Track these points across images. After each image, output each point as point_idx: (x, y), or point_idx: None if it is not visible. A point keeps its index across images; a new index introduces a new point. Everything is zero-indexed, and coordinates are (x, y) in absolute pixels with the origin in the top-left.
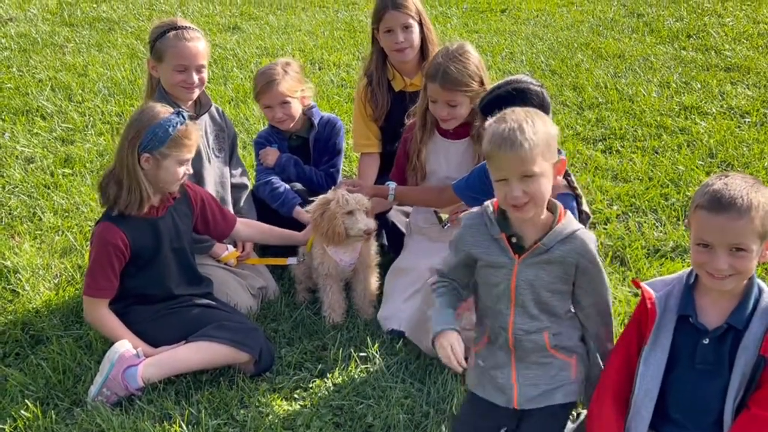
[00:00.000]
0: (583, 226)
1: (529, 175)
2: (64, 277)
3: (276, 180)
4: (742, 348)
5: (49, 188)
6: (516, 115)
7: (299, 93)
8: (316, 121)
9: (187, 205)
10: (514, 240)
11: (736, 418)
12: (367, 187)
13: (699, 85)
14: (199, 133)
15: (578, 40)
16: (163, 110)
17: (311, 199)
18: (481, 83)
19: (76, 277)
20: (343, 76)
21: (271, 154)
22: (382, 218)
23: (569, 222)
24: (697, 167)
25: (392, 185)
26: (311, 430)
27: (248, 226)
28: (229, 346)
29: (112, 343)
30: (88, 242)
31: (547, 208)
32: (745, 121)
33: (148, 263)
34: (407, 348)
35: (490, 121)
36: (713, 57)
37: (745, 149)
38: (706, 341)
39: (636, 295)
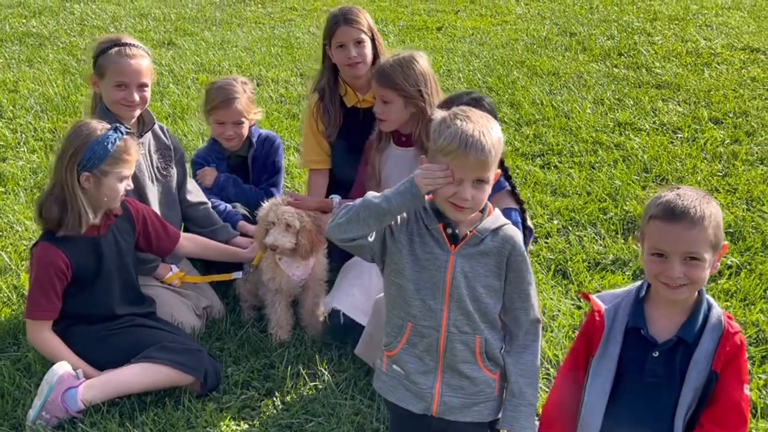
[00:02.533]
0: (509, 222)
1: (483, 180)
2: None
3: (216, 199)
4: (693, 362)
5: None
6: (479, 117)
7: (252, 115)
8: (254, 139)
9: (128, 221)
10: (449, 231)
11: None
12: (310, 201)
13: (632, 102)
14: (138, 148)
15: (513, 58)
16: (100, 126)
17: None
18: (419, 92)
19: (12, 298)
20: (282, 92)
21: (209, 174)
22: None
23: (498, 216)
24: (633, 182)
25: (336, 198)
26: None
27: (192, 242)
28: (173, 368)
29: (52, 365)
30: (24, 262)
31: None
32: (677, 137)
33: (90, 283)
34: (356, 365)
35: (445, 114)
36: (644, 74)
37: (678, 164)
38: (656, 354)
39: (579, 307)
